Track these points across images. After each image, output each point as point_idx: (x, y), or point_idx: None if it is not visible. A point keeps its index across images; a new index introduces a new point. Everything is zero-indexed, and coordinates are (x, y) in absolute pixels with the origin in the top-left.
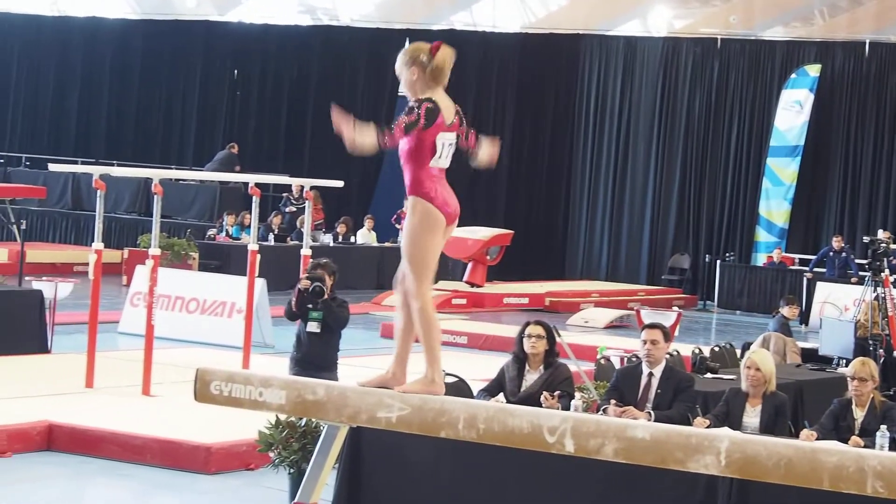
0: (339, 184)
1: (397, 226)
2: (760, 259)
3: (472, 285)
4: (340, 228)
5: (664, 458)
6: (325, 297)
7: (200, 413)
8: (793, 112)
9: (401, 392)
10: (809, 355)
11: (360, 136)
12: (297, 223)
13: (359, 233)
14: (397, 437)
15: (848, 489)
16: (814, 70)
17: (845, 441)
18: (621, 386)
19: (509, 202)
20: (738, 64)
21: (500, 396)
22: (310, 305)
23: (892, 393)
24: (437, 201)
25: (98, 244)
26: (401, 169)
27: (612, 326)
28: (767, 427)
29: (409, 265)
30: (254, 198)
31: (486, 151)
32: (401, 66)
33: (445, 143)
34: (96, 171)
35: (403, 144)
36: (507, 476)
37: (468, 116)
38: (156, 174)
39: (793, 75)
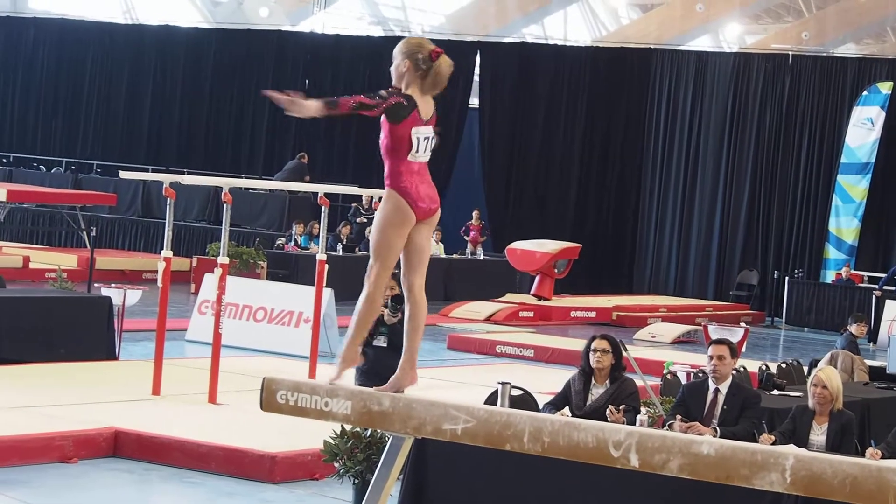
0: None
1: (466, 237)
2: (829, 276)
3: (540, 298)
4: None
5: (729, 474)
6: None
7: (266, 422)
8: (864, 129)
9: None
10: (877, 373)
11: (301, 102)
12: (366, 233)
13: None
14: (462, 449)
15: None
16: (885, 87)
17: None
18: (687, 401)
19: (578, 215)
20: (810, 80)
21: (566, 410)
22: (380, 333)
23: None
24: (411, 196)
25: (167, 252)
26: (469, 181)
27: (679, 342)
28: (834, 445)
29: (371, 252)
30: (323, 208)
31: None
32: (397, 52)
33: (421, 138)
34: (166, 178)
35: (382, 139)
36: (572, 490)
37: (539, 129)
38: (225, 183)
39: (864, 92)
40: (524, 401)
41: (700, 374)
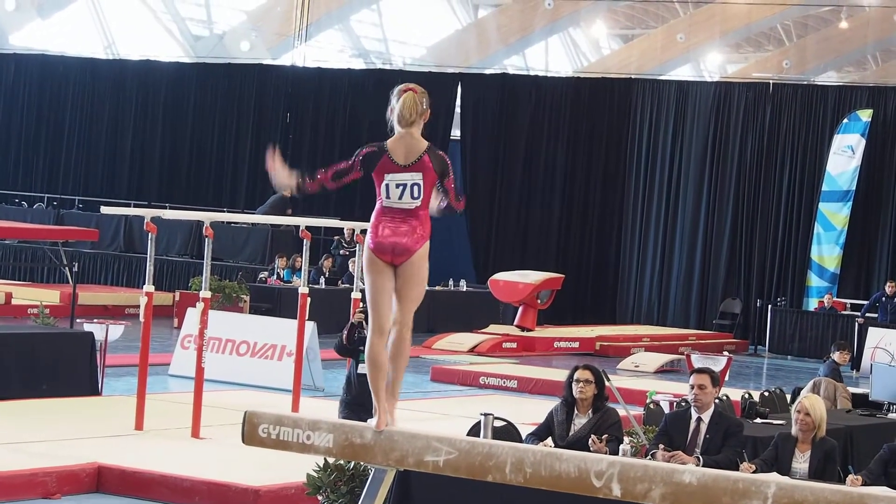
0: None
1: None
2: (812, 304)
3: (523, 329)
4: None
5: (711, 502)
6: None
7: (250, 456)
8: (844, 157)
9: None
10: (860, 401)
11: (281, 174)
12: (349, 266)
13: None
14: (445, 480)
15: None
16: (866, 115)
17: (895, 487)
18: (670, 430)
19: (560, 246)
20: (791, 108)
21: (549, 440)
22: (361, 347)
23: None
24: (373, 242)
25: (149, 287)
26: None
27: (663, 371)
28: (817, 472)
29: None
30: (304, 241)
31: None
32: None
33: (392, 184)
34: (148, 213)
35: None
36: None
37: (520, 160)
38: (207, 217)
39: (845, 120)
40: (507, 432)
41: (683, 404)
